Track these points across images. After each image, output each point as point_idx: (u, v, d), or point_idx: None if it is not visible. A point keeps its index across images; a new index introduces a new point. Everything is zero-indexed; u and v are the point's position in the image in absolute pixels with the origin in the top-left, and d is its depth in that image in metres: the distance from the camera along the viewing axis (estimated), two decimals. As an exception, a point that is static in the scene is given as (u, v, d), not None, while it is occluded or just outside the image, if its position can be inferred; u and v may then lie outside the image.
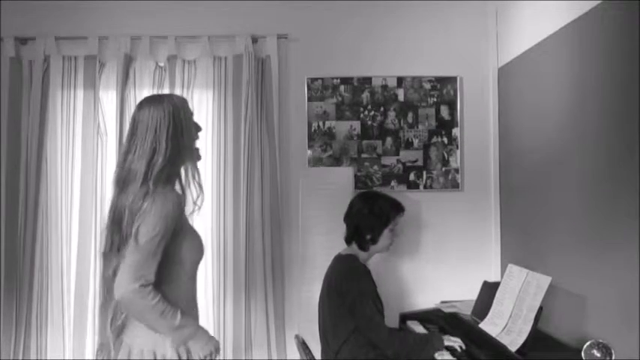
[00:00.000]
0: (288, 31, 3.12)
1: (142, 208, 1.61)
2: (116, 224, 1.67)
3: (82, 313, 2.94)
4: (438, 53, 3.17)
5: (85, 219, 2.99)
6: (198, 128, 1.83)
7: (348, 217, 2.53)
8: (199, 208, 1.81)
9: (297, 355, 2.44)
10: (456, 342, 2.29)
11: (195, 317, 1.80)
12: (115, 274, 1.64)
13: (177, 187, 1.78)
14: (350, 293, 2.31)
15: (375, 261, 2.62)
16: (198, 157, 1.82)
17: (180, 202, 1.68)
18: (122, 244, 1.64)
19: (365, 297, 2.30)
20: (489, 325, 2.31)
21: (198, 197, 1.79)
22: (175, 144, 1.69)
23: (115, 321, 1.71)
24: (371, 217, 2.45)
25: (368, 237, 2.45)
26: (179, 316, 1.64)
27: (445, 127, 3.15)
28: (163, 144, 1.66)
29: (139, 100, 2.98)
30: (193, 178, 1.76)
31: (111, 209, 1.72)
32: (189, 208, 1.79)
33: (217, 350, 1.73)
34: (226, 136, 3.05)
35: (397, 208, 2.52)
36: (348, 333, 2.31)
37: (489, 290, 2.50)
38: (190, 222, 1.82)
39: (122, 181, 1.69)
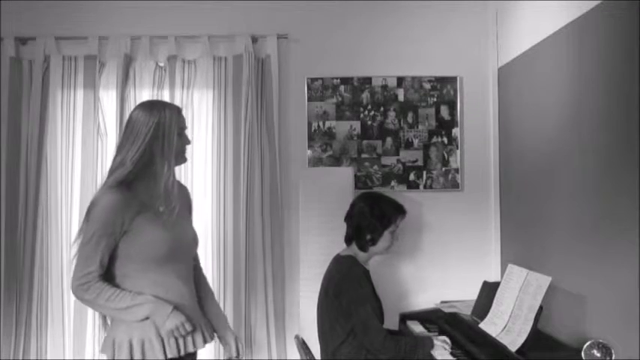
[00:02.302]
0: (288, 31, 3.12)
1: (90, 204, 1.74)
2: None
3: (82, 313, 2.94)
4: (438, 53, 3.17)
5: (85, 219, 2.99)
6: (185, 141, 1.87)
7: (350, 217, 2.52)
8: (172, 213, 1.82)
9: (297, 355, 2.44)
10: (444, 342, 2.32)
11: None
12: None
13: (148, 188, 1.81)
14: (347, 295, 2.31)
15: (375, 261, 2.62)
16: (183, 161, 1.88)
17: (125, 202, 1.72)
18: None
19: (361, 300, 2.29)
20: (489, 325, 2.31)
21: (170, 203, 1.82)
22: (150, 150, 1.76)
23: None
24: (372, 218, 2.44)
25: (368, 237, 2.45)
26: (128, 297, 1.71)
27: (445, 127, 3.15)
28: (136, 148, 1.74)
29: (138, 100, 3.04)
30: (167, 184, 1.79)
31: None
32: (163, 212, 1.81)
33: (186, 323, 1.75)
34: (226, 136, 3.05)
35: (399, 210, 2.51)
36: (346, 334, 2.31)
37: (489, 290, 2.50)
38: (158, 220, 1.81)
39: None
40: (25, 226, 2.98)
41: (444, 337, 2.36)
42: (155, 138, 1.76)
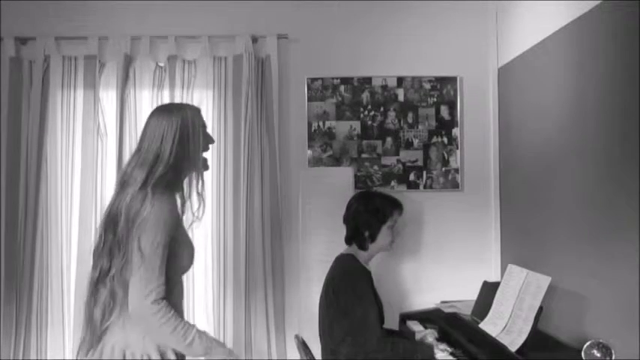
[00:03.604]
0: (288, 31, 3.12)
1: (140, 214, 1.61)
2: (110, 225, 1.68)
3: (82, 314, 2.93)
4: (438, 53, 3.17)
5: (85, 219, 2.99)
6: (209, 141, 1.84)
7: (347, 218, 2.53)
8: (199, 218, 1.81)
9: (297, 355, 2.44)
10: (445, 350, 2.31)
11: None
12: (101, 275, 1.66)
13: (178, 196, 1.78)
14: (344, 294, 2.30)
15: (375, 261, 2.62)
16: (206, 167, 1.83)
17: (176, 208, 1.68)
18: (114, 246, 1.64)
19: (359, 299, 2.28)
20: (489, 325, 2.31)
21: (199, 208, 1.79)
22: (179, 154, 1.71)
23: (103, 323, 1.68)
24: (368, 215, 2.45)
25: (366, 234, 2.45)
26: (193, 332, 1.63)
27: (445, 127, 3.15)
28: (167, 153, 1.69)
29: (138, 100, 3.04)
30: (196, 188, 1.77)
31: (107, 209, 1.73)
32: (188, 217, 1.80)
33: None
34: (226, 136, 3.05)
35: (394, 205, 2.52)
36: (344, 333, 2.29)
37: (489, 290, 2.50)
38: (187, 231, 1.82)
39: (121, 184, 1.71)
40: (25, 226, 2.98)
41: (445, 347, 2.34)
42: (182, 141, 1.71)
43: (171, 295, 1.68)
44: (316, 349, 2.42)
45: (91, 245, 2.89)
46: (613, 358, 1.77)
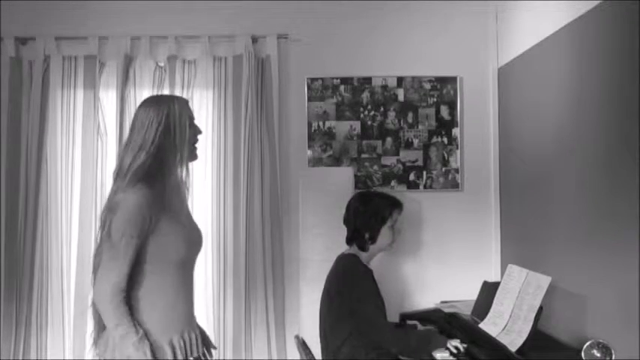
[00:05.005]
0: (288, 31, 3.12)
1: (113, 203, 1.65)
2: (101, 220, 1.72)
3: (82, 313, 2.94)
4: (438, 53, 3.17)
5: (85, 219, 2.99)
6: (197, 131, 1.84)
7: (347, 219, 2.53)
8: (183, 207, 1.81)
9: (297, 355, 2.44)
10: (455, 346, 2.29)
11: (184, 320, 1.77)
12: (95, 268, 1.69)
13: (162, 185, 1.75)
14: (350, 294, 2.30)
15: (375, 261, 2.62)
16: (194, 157, 1.84)
17: (151, 199, 1.65)
18: (98, 237, 1.69)
19: (365, 298, 2.29)
20: (489, 325, 2.31)
21: (184, 197, 1.80)
22: (163, 143, 1.70)
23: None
24: (367, 215, 2.45)
25: (367, 236, 2.45)
26: (132, 341, 1.58)
27: (445, 127, 3.15)
28: (149, 142, 1.69)
29: (138, 100, 3.03)
30: (181, 179, 1.77)
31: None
32: (175, 207, 1.77)
33: None
34: (226, 136, 3.05)
35: (394, 205, 2.51)
36: (347, 333, 2.30)
37: (489, 290, 2.50)
38: (178, 218, 1.78)
39: (114, 175, 1.75)
40: (25, 226, 2.98)
41: (457, 344, 2.29)
42: (167, 131, 1.71)
43: (164, 286, 1.69)
44: (316, 350, 2.42)
45: (90, 245, 2.95)
46: (613, 358, 1.77)
